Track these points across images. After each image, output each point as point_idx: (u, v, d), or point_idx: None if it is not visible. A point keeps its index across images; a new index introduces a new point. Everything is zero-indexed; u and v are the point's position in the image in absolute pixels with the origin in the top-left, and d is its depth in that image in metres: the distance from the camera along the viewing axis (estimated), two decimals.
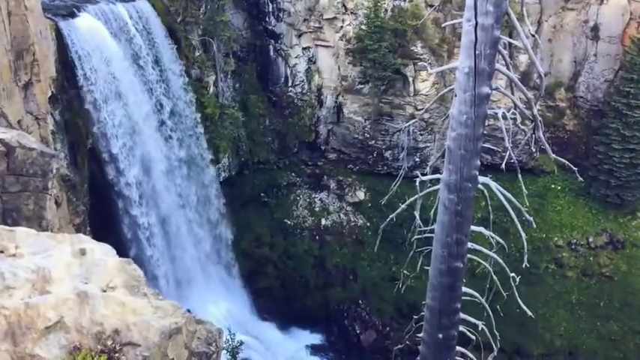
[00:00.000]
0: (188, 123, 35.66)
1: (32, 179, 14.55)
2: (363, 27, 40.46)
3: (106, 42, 28.32)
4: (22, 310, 7.88)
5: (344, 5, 40.99)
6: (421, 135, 43.30)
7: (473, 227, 13.46)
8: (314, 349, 40.01)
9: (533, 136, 12.58)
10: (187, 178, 35.84)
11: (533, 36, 12.80)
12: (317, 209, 43.70)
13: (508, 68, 12.00)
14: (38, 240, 9.43)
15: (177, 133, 34.30)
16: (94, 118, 27.98)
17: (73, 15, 27.50)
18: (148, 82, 31.68)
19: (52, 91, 25.75)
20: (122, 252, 10.55)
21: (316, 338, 40.57)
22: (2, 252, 8.92)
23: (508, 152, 12.59)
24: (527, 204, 15.41)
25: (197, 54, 37.98)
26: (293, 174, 44.91)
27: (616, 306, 40.43)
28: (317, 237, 43.02)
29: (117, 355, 7.96)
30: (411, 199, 14.36)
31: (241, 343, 27.14)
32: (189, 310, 9.04)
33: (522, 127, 13.28)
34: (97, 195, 29.59)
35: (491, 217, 15.00)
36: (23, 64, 23.47)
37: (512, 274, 14.07)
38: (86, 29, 27.38)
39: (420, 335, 14.73)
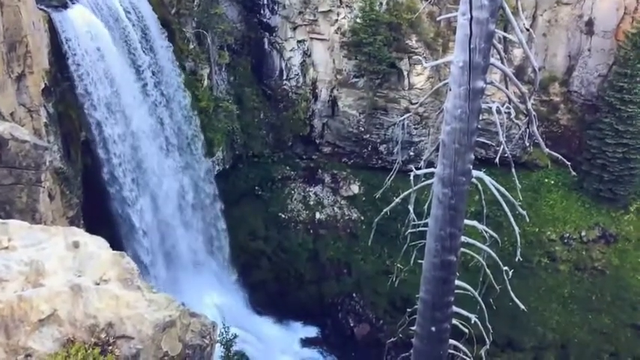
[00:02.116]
0: (181, 114, 35.60)
1: (25, 172, 14.50)
2: (358, 20, 40.38)
3: (99, 33, 28.14)
4: (15, 303, 7.87)
5: None
6: (415, 129, 43.34)
7: (466, 221, 13.51)
8: (308, 342, 40.13)
9: (527, 130, 12.61)
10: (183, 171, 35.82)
11: (527, 30, 12.82)
12: (311, 203, 43.73)
13: (503, 62, 12.01)
14: (31, 233, 9.42)
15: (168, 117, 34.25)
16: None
17: (65, 6, 27.29)
18: (139, 69, 31.55)
19: (45, 83, 25.57)
20: (116, 245, 10.53)
21: (310, 331, 40.68)
22: None
23: (502, 146, 12.62)
24: (521, 198, 15.46)
25: (191, 46, 37.81)
26: (287, 167, 44.89)
27: (608, 300, 40.72)
28: (311, 231, 43.06)
29: (110, 347, 7.97)
30: (405, 192, 14.38)
31: (235, 336, 27.17)
32: (183, 304, 9.05)
33: (516, 121, 13.31)
34: (90, 188, 29.49)
35: (485, 211, 15.04)
36: (16, 55, 23.30)
37: (505, 268, 14.13)
38: (79, 21, 27.19)
39: (414, 328, 14.80)
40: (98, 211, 29.81)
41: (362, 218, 43.20)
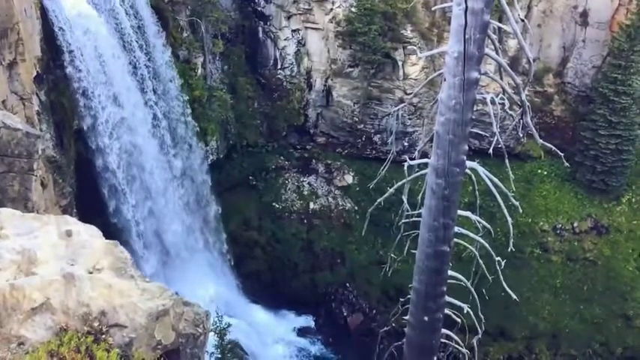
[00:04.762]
0: (176, 106, 35.41)
1: (17, 160, 14.41)
2: (353, 9, 40.19)
3: (92, 20, 27.87)
4: (7, 292, 7.85)
5: None
6: (410, 119, 43.34)
7: (460, 211, 13.56)
8: (301, 331, 40.30)
9: (521, 121, 12.64)
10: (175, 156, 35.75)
11: (522, 21, 12.74)
12: (305, 193, 43.73)
13: (497, 53, 12.02)
14: (24, 221, 9.38)
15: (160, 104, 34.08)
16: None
17: None
18: (133, 56, 31.31)
19: (38, 71, 25.34)
20: (109, 234, 10.50)
21: (304, 321, 40.84)
22: None
23: (496, 137, 12.66)
24: (514, 189, 15.55)
25: (185, 35, 37.54)
26: (282, 157, 44.82)
27: (599, 290, 41.05)
28: (305, 221, 43.09)
29: (103, 336, 7.97)
30: (399, 183, 14.42)
31: (229, 325, 27.25)
32: (176, 293, 9.06)
33: (510, 112, 13.34)
34: (83, 176, 29.34)
35: (478, 201, 15.11)
36: (7, 43, 23.06)
37: (498, 258, 14.22)
38: (72, 7, 26.91)
39: (407, 318, 14.90)
40: (91, 201, 29.70)
41: (356, 208, 43.27)
